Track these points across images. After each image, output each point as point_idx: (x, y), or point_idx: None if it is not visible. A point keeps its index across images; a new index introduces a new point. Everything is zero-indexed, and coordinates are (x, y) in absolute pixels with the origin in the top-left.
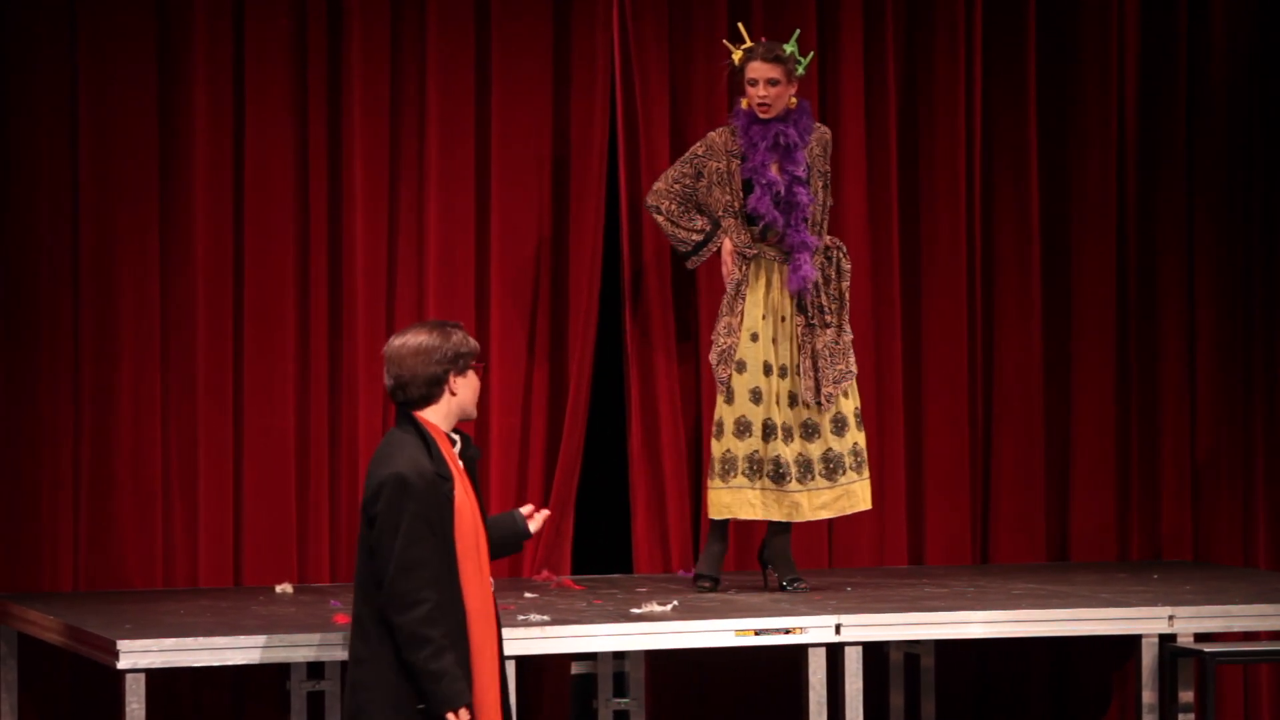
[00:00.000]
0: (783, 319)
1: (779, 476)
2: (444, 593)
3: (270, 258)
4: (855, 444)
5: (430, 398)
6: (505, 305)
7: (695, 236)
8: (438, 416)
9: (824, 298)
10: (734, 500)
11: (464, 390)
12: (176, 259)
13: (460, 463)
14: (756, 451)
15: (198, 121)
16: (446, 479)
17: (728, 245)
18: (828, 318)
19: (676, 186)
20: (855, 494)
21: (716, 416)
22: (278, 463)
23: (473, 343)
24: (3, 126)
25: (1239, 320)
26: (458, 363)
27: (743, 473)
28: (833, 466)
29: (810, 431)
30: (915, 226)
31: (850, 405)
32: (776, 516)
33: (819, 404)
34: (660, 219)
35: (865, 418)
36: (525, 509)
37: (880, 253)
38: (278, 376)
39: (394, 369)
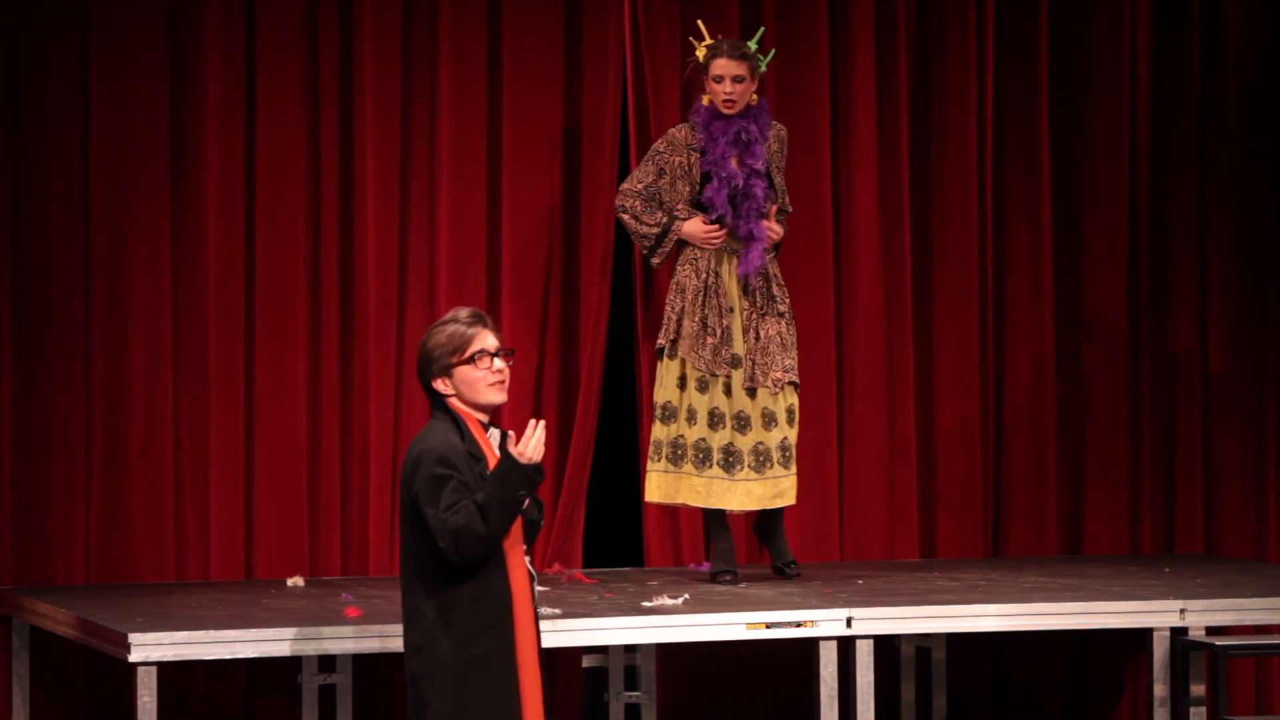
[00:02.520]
0: (731, 309)
1: (723, 463)
2: (489, 575)
3: (281, 251)
4: (784, 439)
5: (434, 395)
6: (517, 298)
7: (654, 230)
8: (461, 405)
9: (774, 287)
10: (663, 484)
11: (458, 387)
12: (188, 253)
13: (497, 451)
14: (682, 437)
15: (209, 115)
16: (479, 459)
17: (693, 224)
18: (779, 307)
19: (640, 185)
20: (782, 488)
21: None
22: (289, 456)
23: (461, 338)
24: (15, 121)
25: (1251, 316)
26: (435, 365)
27: (666, 457)
28: (761, 459)
29: (743, 424)
30: (927, 224)
31: (784, 403)
32: (697, 503)
33: (763, 389)
34: (625, 217)
35: (877, 410)
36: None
37: (892, 249)
38: (289, 370)
39: None
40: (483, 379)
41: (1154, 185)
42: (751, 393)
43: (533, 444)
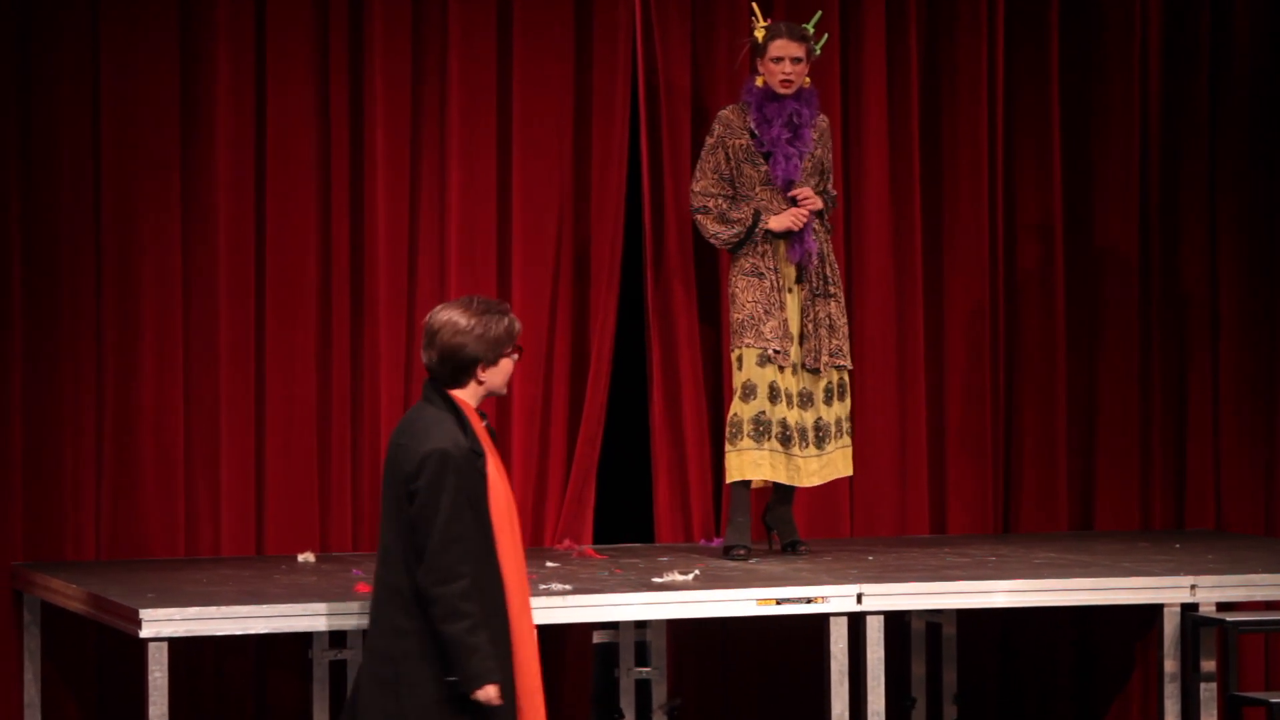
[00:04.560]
0: (789, 290)
1: (786, 440)
2: (482, 567)
3: (292, 228)
4: (840, 415)
5: (458, 381)
6: (527, 274)
7: (740, 228)
8: (466, 395)
9: (827, 268)
10: (741, 462)
11: (494, 377)
12: (198, 229)
13: (490, 438)
14: (763, 413)
15: (219, 91)
16: (480, 454)
17: (780, 219)
18: (831, 288)
19: (714, 177)
20: (836, 461)
21: (734, 384)
22: (299, 432)
23: (514, 329)
24: (25, 97)
25: (1262, 290)
26: (489, 354)
27: (748, 435)
28: (822, 435)
29: (805, 400)
30: (938, 203)
31: (839, 377)
32: (782, 479)
33: (816, 371)
34: (706, 220)
35: (888, 387)
36: None
37: (903, 228)
38: (299, 346)
39: (428, 343)
40: (510, 371)
41: (1165, 162)
42: (814, 371)
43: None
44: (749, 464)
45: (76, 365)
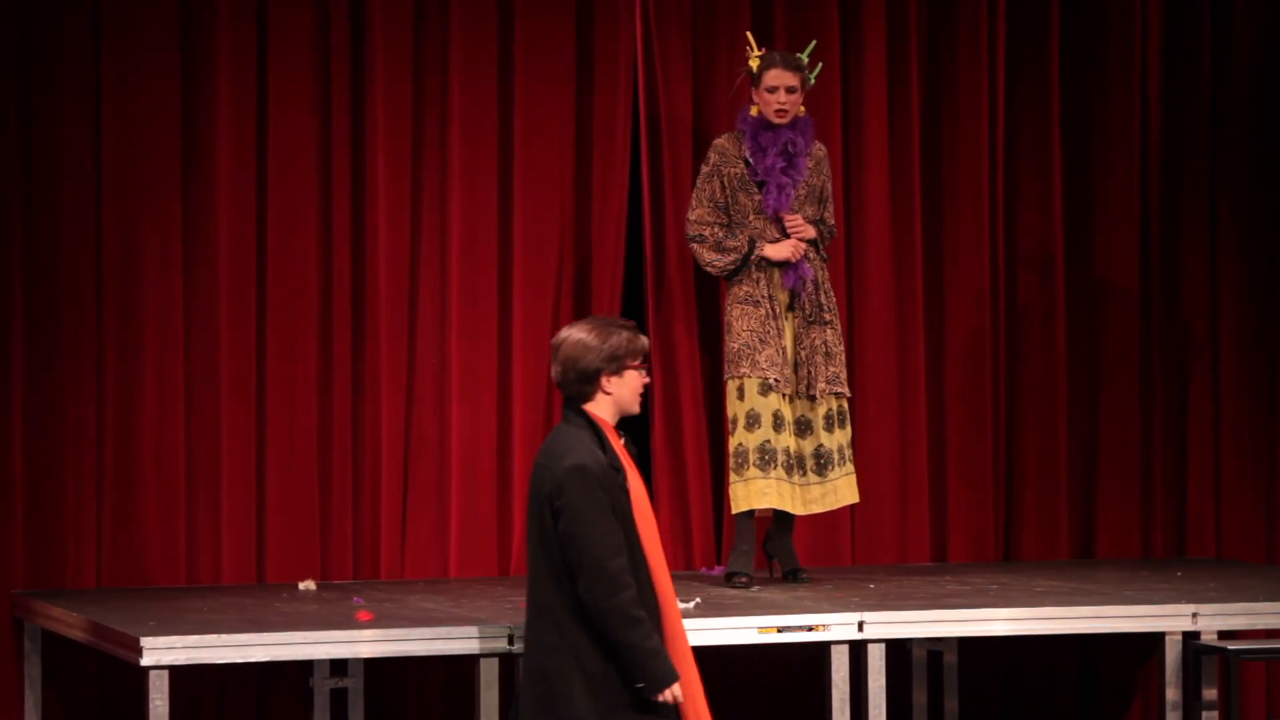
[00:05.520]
0: (785, 318)
1: (789, 467)
2: (638, 577)
3: (293, 254)
4: (842, 443)
5: (585, 395)
6: (528, 300)
7: (735, 256)
8: (601, 410)
9: (822, 295)
10: (748, 492)
11: (620, 389)
12: (199, 255)
13: (629, 454)
14: (768, 441)
15: (220, 117)
16: (619, 470)
17: (778, 248)
18: (826, 315)
19: (710, 205)
20: (841, 489)
21: (731, 413)
22: (300, 459)
23: (638, 343)
24: (27, 122)
25: (1263, 317)
26: (611, 363)
27: (754, 464)
28: (823, 462)
29: (804, 428)
30: (938, 223)
31: (838, 405)
32: (787, 507)
33: (813, 398)
34: (702, 249)
35: (888, 414)
36: None
37: (903, 249)
38: (300, 373)
39: (553, 358)
40: (638, 386)
41: (1165, 182)
42: (811, 399)
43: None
44: (756, 493)
45: (78, 392)
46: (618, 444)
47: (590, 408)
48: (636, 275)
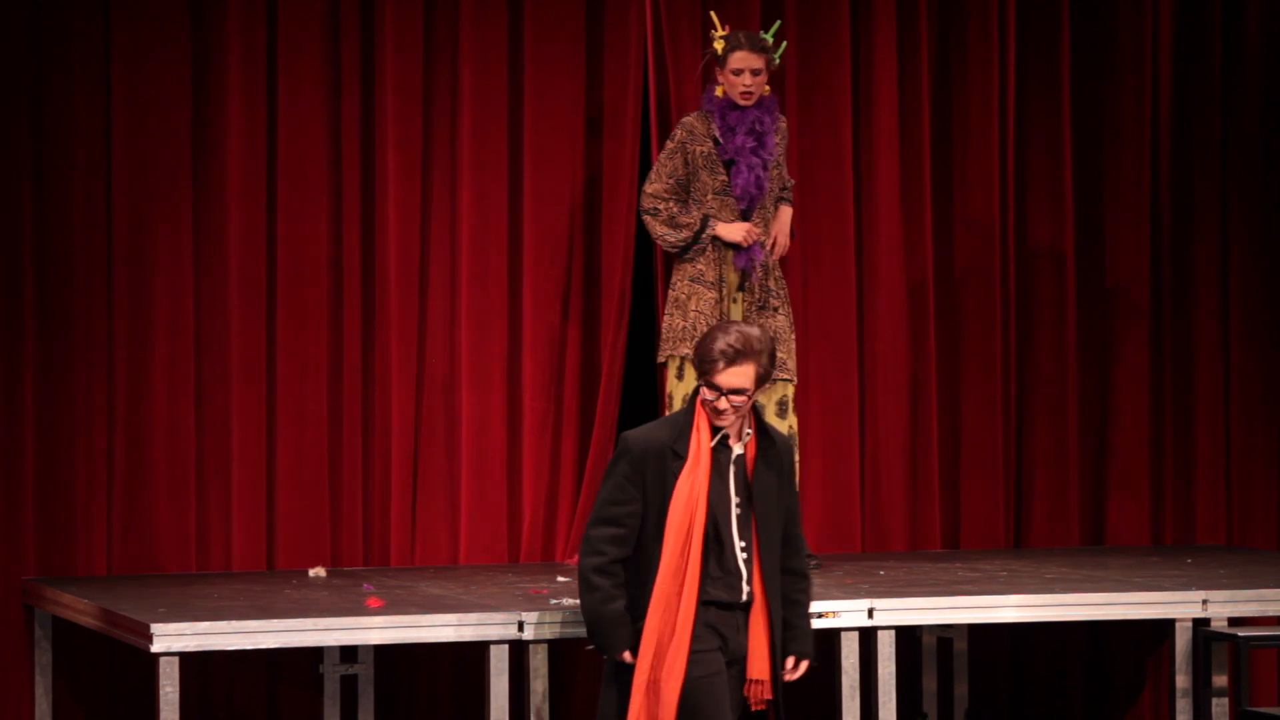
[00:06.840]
0: (733, 300)
1: None
2: (641, 557)
3: (303, 241)
4: (792, 428)
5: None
6: (538, 289)
7: (687, 233)
8: (704, 407)
9: (771, 281)
10: None
11: (706, 394)
12: (209, 242)
13: (709, 451)
14: None
15: (231, 104)
16: (679, 456)
17: (732, 229)
18: (774, 301)
19: (670, 181)
20: None
21: (669, 392)
22: (311, 446)
23: (712, 359)
24: (37, 110)
25: (1274, 305)
26: (699, 365)
27: None
28: None
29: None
30: (948, 212)
31: (784, 391)
32: None
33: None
34: (654, 222)
35: (901, 401)
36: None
37: (914, 238)
38: (310, 360)
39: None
40: (709, 405)
41: (1176, 172)
42: None
43: None
44: None
45: (88, 380)
46: (700, 438)
47: (699, 402)
48: (646, 263)
